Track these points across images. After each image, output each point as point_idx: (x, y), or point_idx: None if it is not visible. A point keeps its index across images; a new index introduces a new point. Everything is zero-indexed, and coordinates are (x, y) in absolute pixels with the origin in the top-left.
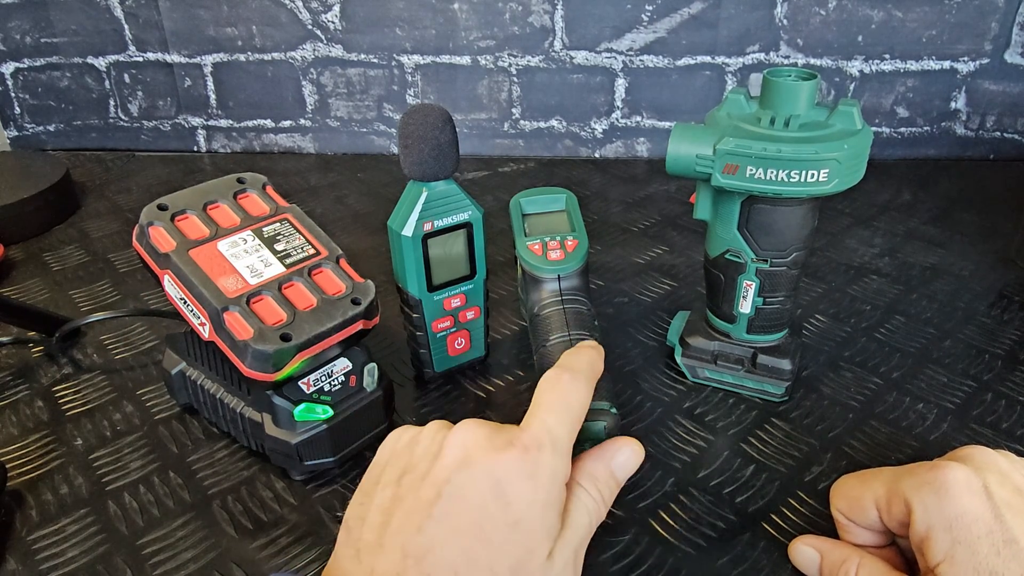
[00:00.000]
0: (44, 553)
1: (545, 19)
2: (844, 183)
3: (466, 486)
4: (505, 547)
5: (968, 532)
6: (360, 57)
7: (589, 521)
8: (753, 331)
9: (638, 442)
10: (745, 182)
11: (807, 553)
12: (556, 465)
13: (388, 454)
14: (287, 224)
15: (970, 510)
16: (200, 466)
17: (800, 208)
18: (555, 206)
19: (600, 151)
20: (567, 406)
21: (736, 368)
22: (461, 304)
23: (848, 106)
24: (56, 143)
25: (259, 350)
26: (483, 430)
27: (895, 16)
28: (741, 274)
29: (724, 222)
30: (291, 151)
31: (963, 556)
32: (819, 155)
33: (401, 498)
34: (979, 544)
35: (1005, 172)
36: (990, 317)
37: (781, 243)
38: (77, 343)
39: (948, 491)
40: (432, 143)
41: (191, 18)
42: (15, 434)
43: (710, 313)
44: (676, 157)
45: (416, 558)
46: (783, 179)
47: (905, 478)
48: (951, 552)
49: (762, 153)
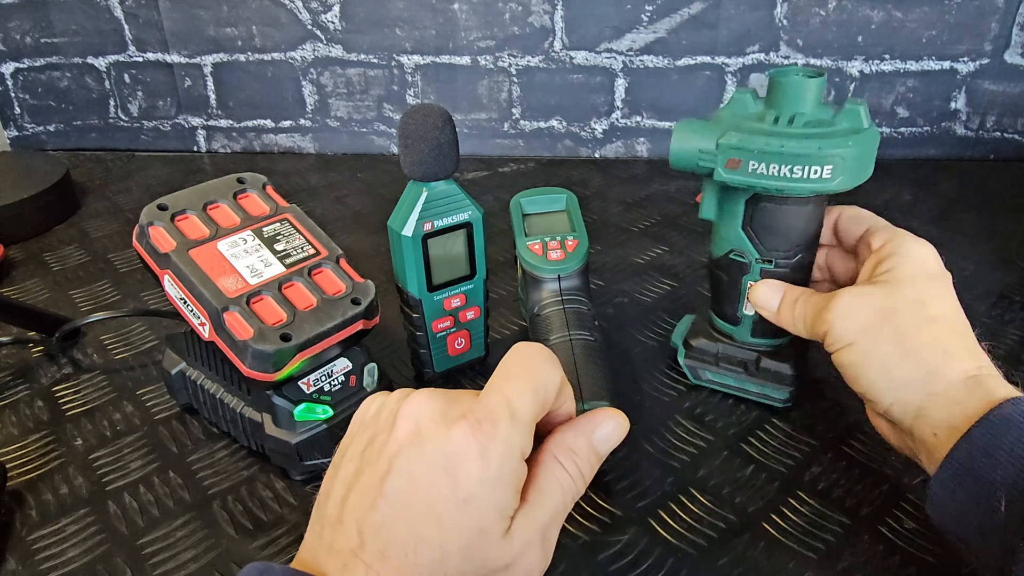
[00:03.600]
0: (44, 553)
1: (545, 19)
2: (849, 181)
3: (416, 462)
4: (456, 526)
5: (920, 265)
6: (360, 57)
7: (563, 498)
8: (757, 334)
9: (622, 413)
10: (748, 178)
11: (769, 292)
12: (511, 440)
13: (357, 425)
14: (287, 224)
15: (930, 258)
16: (200, 466)
17: (805, 207)
18: (555, 206)
19: (600, 151)
20: (530, 377)
21: (738, 371)
22: (461, 304)
23: (855, 105)
24: (56, 143)
25: (259, 350)
26: (436, 402)
27: (895, 16)
28: (745, 275)
29: (728, 221)
30: (291, 151)
31: (906, 270)
32: (823, 151)
33: (361, 472)
34: (921, 277)
35: (1005, 172)
36: (991, 317)
37: (785, 243)
38: (77, 343)
39: (922, 243)
40: (432, 143)
41: (191, 18)
42: (15, 434)
43: (714, 315)
44: (679, 151)
45: (370, 535)
46: (786, 175)
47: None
48: (899, 264)
49: (765, 148)
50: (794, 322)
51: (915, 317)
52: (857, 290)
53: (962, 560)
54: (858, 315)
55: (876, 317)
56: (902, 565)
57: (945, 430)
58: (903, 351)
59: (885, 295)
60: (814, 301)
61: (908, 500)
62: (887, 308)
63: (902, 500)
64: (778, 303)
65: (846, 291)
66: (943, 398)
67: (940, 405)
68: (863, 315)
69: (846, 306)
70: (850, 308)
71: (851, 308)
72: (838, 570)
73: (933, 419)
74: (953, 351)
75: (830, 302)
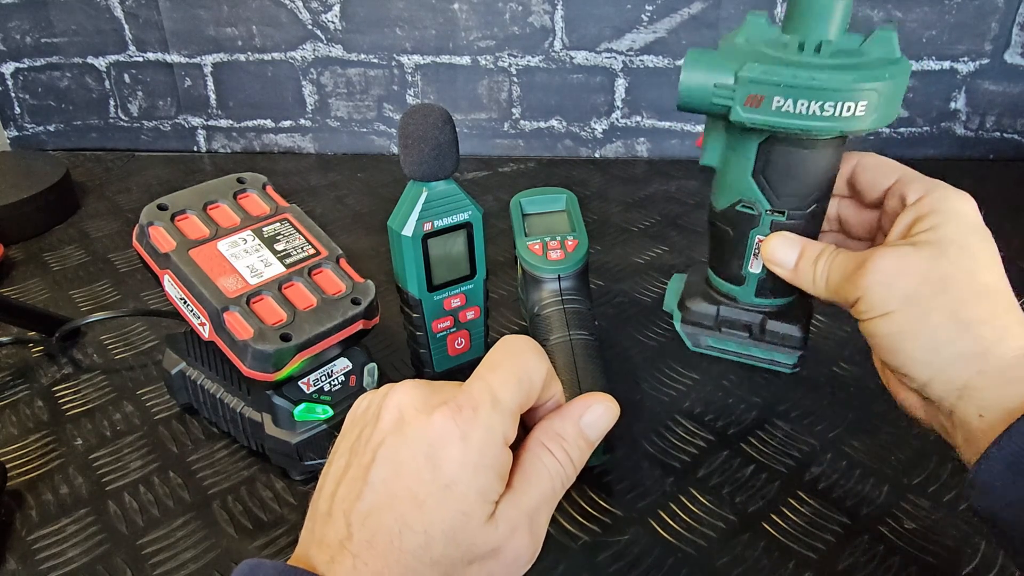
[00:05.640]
0: (44, 553)
1: (545, 19)
2: (882, 119)
3: (399, 449)
4: (438, 510)
5: (968, 224)
6: (360, 57)
7: (551, 484)
8: (763, 294)
9: (611, 397)
10: (771, 116)
11: (785, 246)
12: (492, 424)
13: (349, 422)
14: (287, 224)
15: (976, 215)
16: (200, 466)
17: (826, 150)
18: (555, 206)
19: (600, 151)
20: (515, 366)
21: (743, 336)
22: (461, 304)
23: (887, 31)
24: (56, 143)
25: (259, 350)
26: (419, 391)
27: (895, 16)
28: (753, 228)
29: (737, 168)
30: (291, 151)
31: (952, 231)
32: (858, 84)
33: (349, 465)
34: (972, 239)
35: (1005, 172)
36: None
37: (802, 191)
38: (77, 343)
39: (966, 198)
40: (432, 143)
41: (191, 18)
42: (15, 434)
43: (713, 274)
44: (690, 87)
45: (357, 525)
46: (815, 112)
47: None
48: (943, 222)
49: (792, 81)
50: (815, 281)
51: (970, 286)
52: (899, 251)
53: (962, 560)
54: (903, 281)
55: (925, 285)
56: (902, 565)
57: (997, 412)
58: (957, 324)
59: (932, 259)
60: (840, 260)
61: (908, 500)
62: (938, 274)
63: (902, 500)
64: (795, 259)
65: (885, 251)
66: (996, 377)
67: (991, 385)
68: (908, 281)
69: (888, 270)
70: (891, 273)
71: (894, 272)
72: (838, 570)
73: (981, 399)
74: (1008, 325)
75: (866, 263)
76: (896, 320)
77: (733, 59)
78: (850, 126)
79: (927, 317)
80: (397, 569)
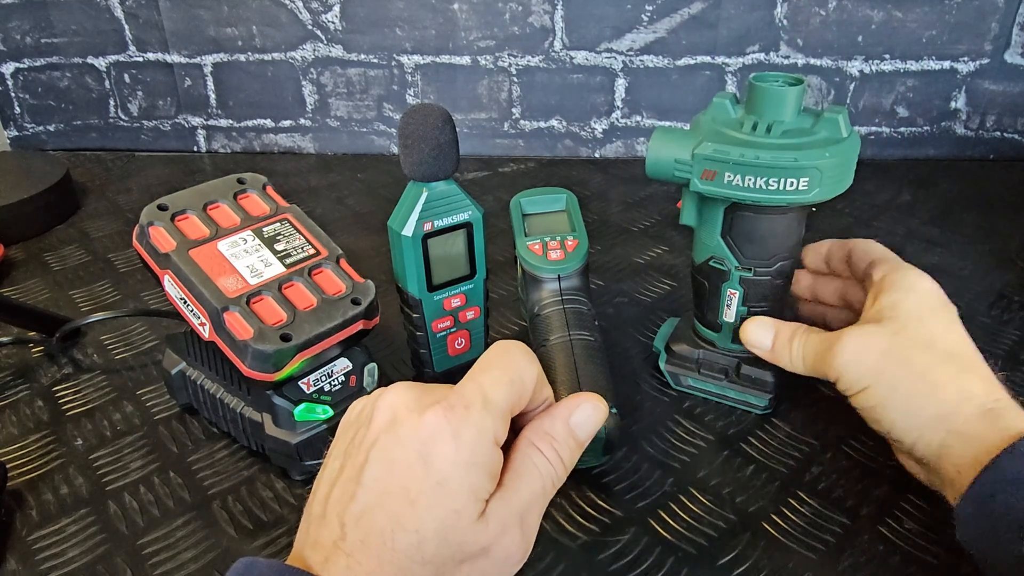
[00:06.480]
0: (44, 553)
1: (545, 19)
2: (827, 192)
3: (392, 448)
4: (430, 508)
5: (923, 300)
6: (360, 57)
7: (542, 484)
8: (738, 340)
9: (599, 397)
10: (724, 188)
11: (760, 331)
12: (483, 423)
13: (343, 426)
14: (287, 224)
15: (933, 291)
16: (200, 466)
17: (784, 217)
18: (555, 206)
19: (600, 151)
20: (506, 368)
21: (719, 378)
22: (461, 304)
23: (834, 113)
24: (56, 143)
25: (259, 350)
26: (412, 392)
27: (895, 16)
28: (725, 282)
29: (708, 229)
30: (291, 151)
31: (910, 306)
32: (798, 163)
33: (343, 467)
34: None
35: (1005, 172)
36: (990, 317)
37: (764, 252)
38: (77, 343)
39: (923, 276)
40: (432, 143)
41: (191, 18)
42: (15, 434)
43: (696, 321)
44: (656, 160)
45: (351, 526)
46: (762, 187)
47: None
48: (901, 299)
49: (740, 159)
50: (791, 361)
51: (928, 355)
52: (861, 331)
53: (962, 560)
54: (868, 358)
55: (887, 359)
56: (902, 565)
57: (970, 468)
58: (921, 391)
59: (894, 333)
60: (814, 341)
61: (908, 500)
62: (897, 349)
63: (902, 500)
64: (771, 341)
65: (850, 333)
66: (962, 435)
67: (960, 442)
68: (875, 357)
69: (853, 351)
70: (858, 352)
71: (859, 352)
72: (838, 570)
73: (958, 456)
74: (969, 386)
75: (835, 346)
76: (874, 393)
77: (692, 138)
78: (796, 199)
79: (898, 387)
80: (390, 569)
